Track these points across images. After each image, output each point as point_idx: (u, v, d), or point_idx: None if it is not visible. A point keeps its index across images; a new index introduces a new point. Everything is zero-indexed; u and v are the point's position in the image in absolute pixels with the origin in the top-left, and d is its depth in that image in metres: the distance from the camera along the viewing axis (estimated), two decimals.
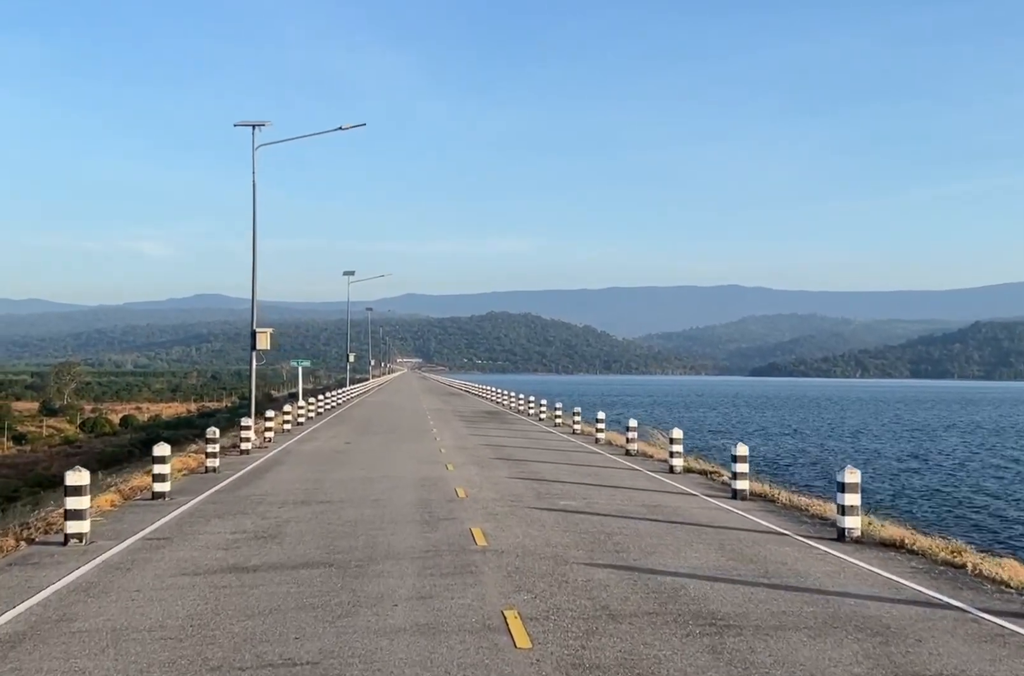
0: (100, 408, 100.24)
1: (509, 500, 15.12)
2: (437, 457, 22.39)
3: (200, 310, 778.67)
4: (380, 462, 21.15)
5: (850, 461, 38.98)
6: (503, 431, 32.10)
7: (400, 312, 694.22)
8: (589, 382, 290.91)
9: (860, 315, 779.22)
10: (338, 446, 25.59)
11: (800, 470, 37.38)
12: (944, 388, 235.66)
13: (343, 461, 21.52)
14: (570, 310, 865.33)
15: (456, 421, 37.84)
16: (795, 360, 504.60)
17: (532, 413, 41.92)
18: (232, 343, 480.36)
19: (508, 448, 25.17)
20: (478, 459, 21.90)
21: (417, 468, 19.80)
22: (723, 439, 50.25)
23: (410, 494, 15.89)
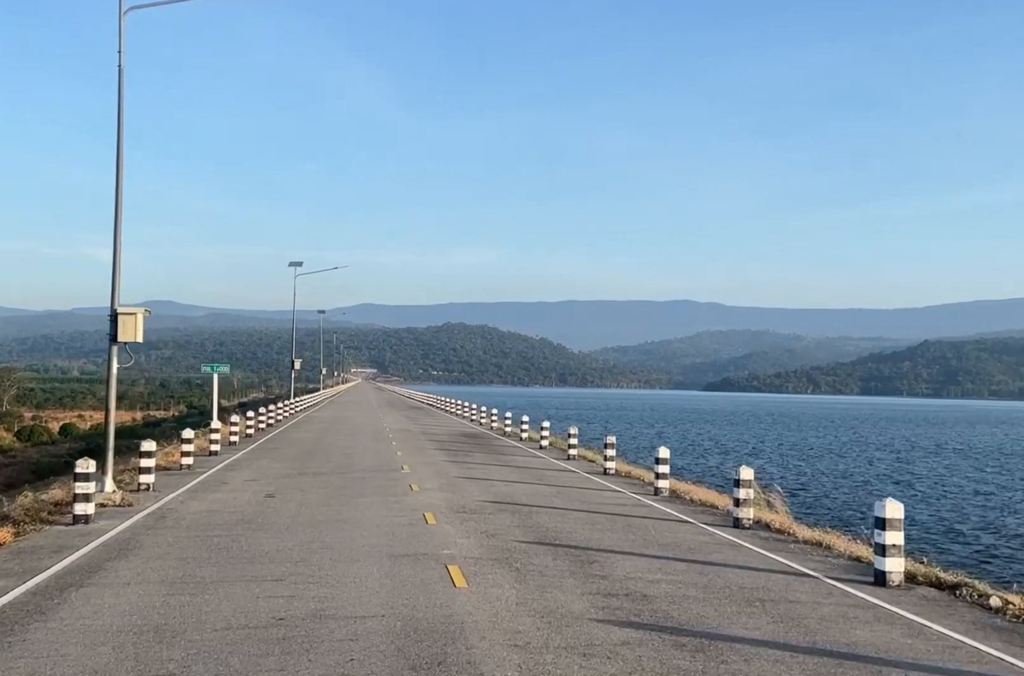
0: (41, 415, 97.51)
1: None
2: (425, 539, 12.29)
3: (150, 316, 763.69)
4: (316, 558, 10.95)
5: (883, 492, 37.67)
6: (505, 470, 22.50)
7: (356, 322, 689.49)
8: (548, 394, 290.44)
9: (811, 332, 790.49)
10: (251, 504, 15.60)
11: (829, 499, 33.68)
12: (903, 406, 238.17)
13: (244, 552, 11.31)
14: (527, 322, 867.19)
15: (432, 450, 28.33)
16: (748, 375, 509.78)
17: (521, 436, 35.05)
18: (182, 350, 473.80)
19: (539, 512, 15.12)
20: (505, 548, 11.82)
21: (393, 587, 9.53)
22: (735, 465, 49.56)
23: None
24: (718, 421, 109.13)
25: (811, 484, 38.09)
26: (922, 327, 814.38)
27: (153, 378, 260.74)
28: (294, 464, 23.20)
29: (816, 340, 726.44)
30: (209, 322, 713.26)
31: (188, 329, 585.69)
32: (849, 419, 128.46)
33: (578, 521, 14.29)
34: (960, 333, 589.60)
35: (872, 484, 39.84)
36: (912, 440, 77.53)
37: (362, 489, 17.89)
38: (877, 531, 10.25)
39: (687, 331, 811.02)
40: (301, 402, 62.55)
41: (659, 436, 71.71)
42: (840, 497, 33.65)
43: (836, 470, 45.66)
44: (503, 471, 22.29)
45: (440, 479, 19.85)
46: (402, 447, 29.11)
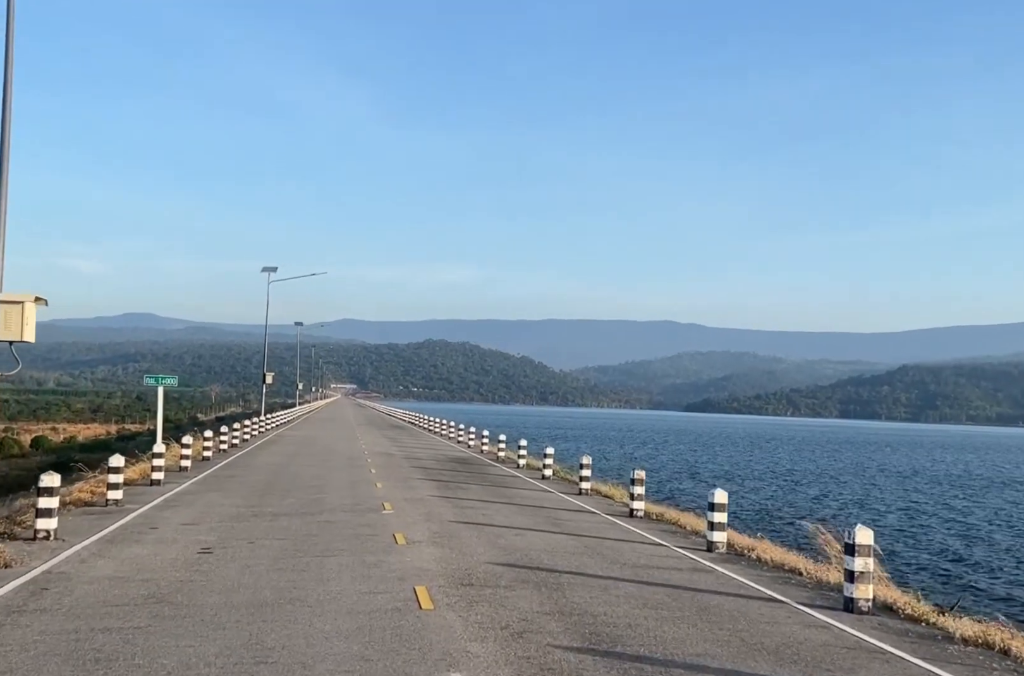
0: (13, 428, 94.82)
1: None
2: (419, 645, 8.04)
3: (129, 329, 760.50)
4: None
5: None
6: (509, 509, 18.25)
7: (336, 337, 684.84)
8: (530, 413, 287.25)
9: (791, 354, 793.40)
10: (175, 566, 11.33)
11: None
12: (883, 430, 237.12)
13: (131, 671, 7.04)
14: (508, 340, 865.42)
15: (418, 480, 23.99)
16: (728, 397, 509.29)
17: (518, 463, 30.64)
18: (161, 363, 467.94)
19: (573, 584, 11.12)
20: (545, 663, 7.64)
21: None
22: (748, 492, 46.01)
23: None
24: (722, 444, 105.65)
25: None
26: (901, 351, 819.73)
27: (130, 391, 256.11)
28: (249, 500, 18.62)
29: (796, 363, 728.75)
30: (188, 335, 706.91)
31: (167, 342, 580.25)
32: (836, 443, 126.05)
33: (631, 602, 10.13)
34: (938, 358, 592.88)
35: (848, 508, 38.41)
36: (916, 468, 74.44)
37: (331, 541, 13.53)
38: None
39: (668, 352, 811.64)
40: (273, 419, 57.79)
41: (683, 466, 63.51)
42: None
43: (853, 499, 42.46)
44: (508, 512, 18.09)
45: (432, 524, 15.61)
46: (383, 476, 24.66)
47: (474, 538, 14.32)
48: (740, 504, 36.75)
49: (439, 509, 17.84)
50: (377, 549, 12.98)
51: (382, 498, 19.27)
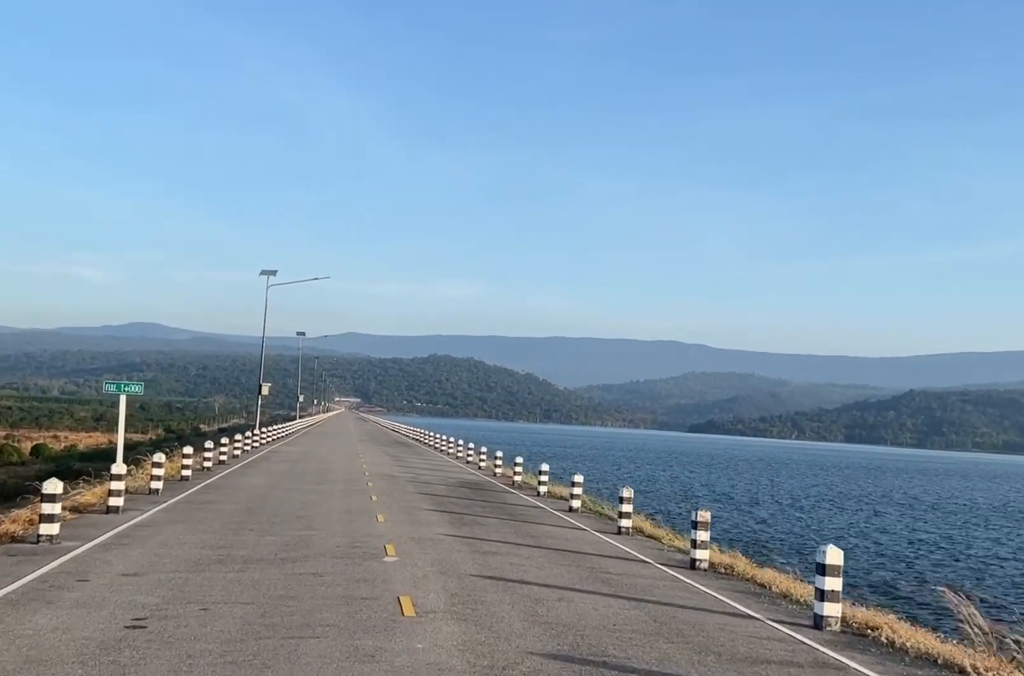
0: (15, 435, 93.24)
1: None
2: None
3: (135, 338, 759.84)
4: None
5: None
6: (543, 557, 14.76)
7: (341, 350, 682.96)
8: (535, 431, 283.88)
9: (797, 377, 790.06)
10: (86, 653, 7.78)
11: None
12: (893, 456, 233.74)
13: None
14: (513, 357, 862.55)
15: (427, 511, 20.42)
16: (733, 418, 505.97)
17: (538, 490, 27.52)
18: (165, 373, 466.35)
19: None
20: None
21: None
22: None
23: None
24: (749, 469, 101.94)
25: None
26: (907, 377, 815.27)
27: (133, 400, 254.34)
28: (220, 537, 15.18)
29: (801, 386, 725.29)
30: (193, 345, 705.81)
31: (172, 352, 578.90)
32: (851, 468, 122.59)
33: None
34: (945, 384, 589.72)
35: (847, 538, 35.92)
36: (946, 497, 70.63)
37: (314, 608, 9.90)
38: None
39: (673, 372, 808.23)
40: (270, 433, 54.82)
41: (717, 494, 56.58)
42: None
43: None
44: (541, 559, 14.61)
45: (449, 580, 12.05)
46: (385, 505, 21.32)
47: (506, 605, 10.82)
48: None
49: (455, 555, 14.51)
50: (376, 626, 9.37)
51: (384, 537, 16.01)
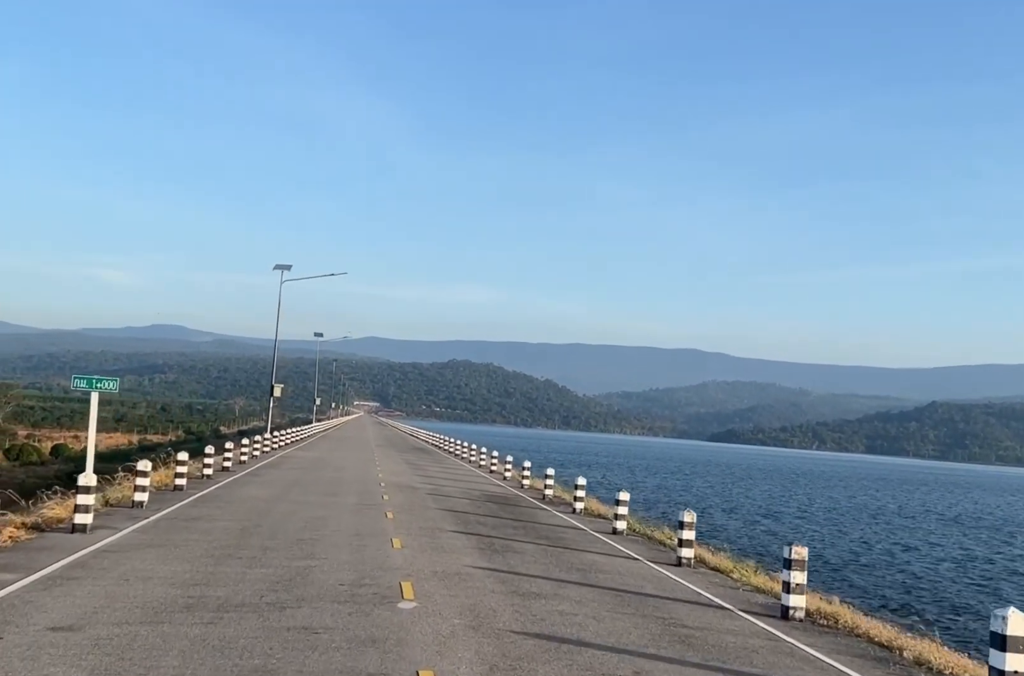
0: (36, 434, 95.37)
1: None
2: None
3: (157, 340, 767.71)
4: None
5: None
6: (593, 596, 12.47)
7: (361, 355, 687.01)
8: (554, 437, 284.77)
9: (817, 387, 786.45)
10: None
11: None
12: (922, 469, 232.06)
13: None
14: (532, 363, 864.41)
15: (451, 534, 17.71)
16: (753, 428, 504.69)
17: (574, 506, 24.79)
18: (187, 375, 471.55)
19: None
20: None
21: None
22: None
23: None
24: (794, 481, 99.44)
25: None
26: (929, 388, 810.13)
27: (155, 402, 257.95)
28: (196, 569, 12.22)
29: (822, 396, 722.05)
30: (215, 348, 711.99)
31: (194, 354, 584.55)
32: (888, 482, 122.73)
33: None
34: (969, 396, 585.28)
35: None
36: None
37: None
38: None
39: (693, 380, 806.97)
40: (283, 437, 53.61)
41: (761, 509, 51.30)
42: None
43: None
44: (598, 606, 11.72)
45: (484, 645, 9.07)
46: (403, 524, 18.62)
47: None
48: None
49: (489, 598, 11.58)
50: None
51: (400, 570, 13.14)
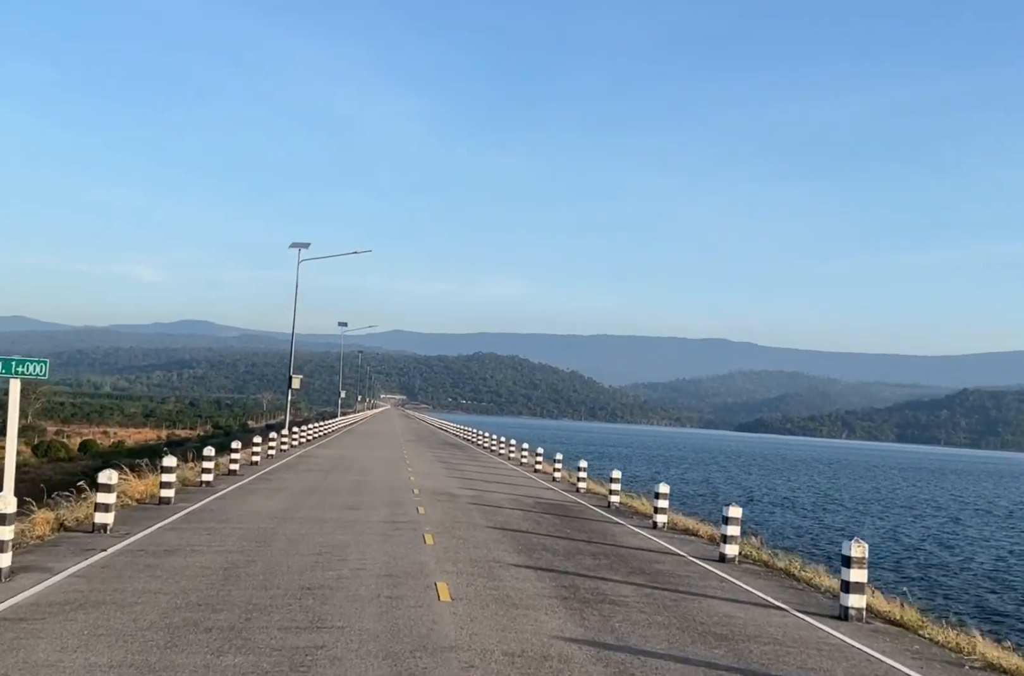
0: (65, 430, 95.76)
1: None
2: None
3: (185, 336, 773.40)
4: None
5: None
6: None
7: (387, 348, 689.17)
8: (582, 429, 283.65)
9: (846, 376, 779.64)
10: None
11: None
12: (958, 457, 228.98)
13: None
14: (558, 355, 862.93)
15: (511, 565, 13.25)
16: (781, 417, 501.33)
17: (654, 520, 19.88)
18: (215, 370, 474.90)
19: None
20: None
21: None
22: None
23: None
24: (850, 473, 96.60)
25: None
26: (959, 375, 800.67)
27: (183, 397, 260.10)
28: (134, 657, 7.40)
29: (851, 384, 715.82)
30: (242, 343, 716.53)
31: (221, 349, 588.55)
32: (960, 472, 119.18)
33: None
34: (1000, 383, 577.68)
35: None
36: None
37: None
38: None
39: (720, 370, 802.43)
40: (304, 433, 50.22)
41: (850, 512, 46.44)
42: None
43: None
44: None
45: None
46: (448, 556, 13.52)
47: None
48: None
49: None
50: None
51: (455, 650, 8.20)
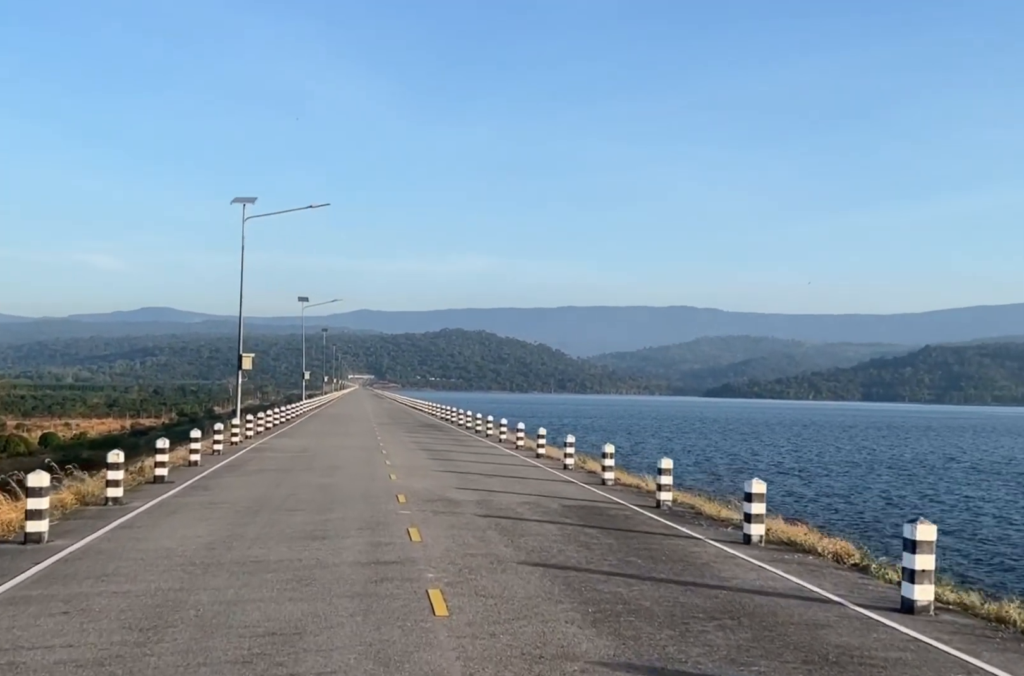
0: (26, 424, 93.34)
1: None
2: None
3: (147, 323, 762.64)
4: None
5: None
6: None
7: (353, 328, 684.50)
8: (553, 401, 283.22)
9: (811, 338, 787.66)
10: None
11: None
12: (922, 413, 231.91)
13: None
14: (525, 328, 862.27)
15: (584, 639, 7.80)
16: (748, 381, 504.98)
17: (705, 513, 17.07)
18: (178, 357, 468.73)
19: None
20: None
21: None
22: None
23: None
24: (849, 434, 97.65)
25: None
26: (922, 333, 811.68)
27: (147, 385, 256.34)
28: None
29: (816, 346, 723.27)
30: (206, 329, 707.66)
31: (185, 335, 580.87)
32: (903, 429, 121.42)
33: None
34: (961, 338, 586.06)
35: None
36: None
37: None
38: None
39: (686, 337, 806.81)
40: (264, 420, 43.30)
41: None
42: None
43: None
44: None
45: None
46: (473, 632, 8.07)
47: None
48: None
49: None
50: None
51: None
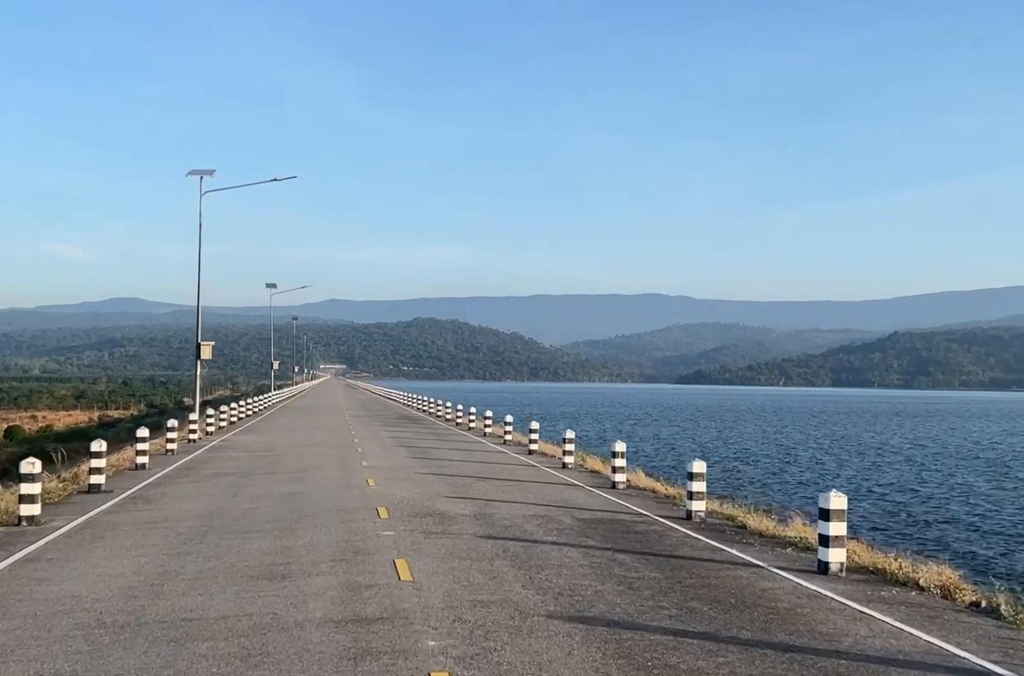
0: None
1: None
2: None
3: (116, 314, 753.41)
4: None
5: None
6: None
7: (324, 318, 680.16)
8: (526, 390, 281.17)
9: (781, 324, 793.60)
10: None
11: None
12: (892, 398, 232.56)
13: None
14: (497, 317, 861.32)
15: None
16: (719, 368, 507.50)
17: (750, 529, 13.89)
18: (147, 348, 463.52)
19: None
20: None
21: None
22: None
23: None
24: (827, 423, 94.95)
25: None
26: (890, 318, 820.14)
27: (116, 376, 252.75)
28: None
29: (785, 332, 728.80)
30: (175, 319, 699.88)
31: (153, 326, 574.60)
32: (885, 415, 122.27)
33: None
34: (929, 324, 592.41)
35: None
36: None
37: None
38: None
39: (657, 325, 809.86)
40: (229, 414, 39.98)
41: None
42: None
43: None
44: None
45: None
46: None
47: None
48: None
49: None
50: None
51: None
